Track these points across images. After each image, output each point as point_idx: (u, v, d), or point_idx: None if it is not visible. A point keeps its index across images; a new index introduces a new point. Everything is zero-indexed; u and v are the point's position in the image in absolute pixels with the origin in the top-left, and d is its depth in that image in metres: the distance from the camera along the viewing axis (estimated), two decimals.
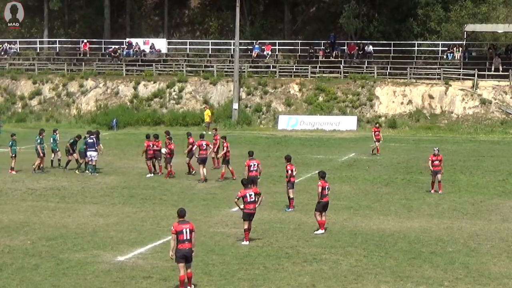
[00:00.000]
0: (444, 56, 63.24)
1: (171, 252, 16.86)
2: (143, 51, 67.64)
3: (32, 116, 63.48)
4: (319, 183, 22.86)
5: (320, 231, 22.78)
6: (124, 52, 67.53)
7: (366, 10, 68.53)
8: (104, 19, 73.06)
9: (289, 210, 26.42)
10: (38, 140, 35.46)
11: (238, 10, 59.69)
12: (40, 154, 35.22)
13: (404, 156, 42.39)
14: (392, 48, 65.00)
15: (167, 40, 70.09)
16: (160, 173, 34.74)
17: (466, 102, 58.72)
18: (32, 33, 75.09)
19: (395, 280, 17.96)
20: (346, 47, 64.92)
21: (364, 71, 62.62)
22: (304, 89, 61.53)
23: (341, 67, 62.53)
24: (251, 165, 27.74)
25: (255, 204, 21.45)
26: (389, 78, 61.81)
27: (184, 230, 16.74)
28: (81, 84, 65.01)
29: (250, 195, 21.33)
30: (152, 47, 67.69)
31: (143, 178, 33.89)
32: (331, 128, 57.59)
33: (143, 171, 35.19)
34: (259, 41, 66.43)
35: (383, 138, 44.24)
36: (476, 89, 58.92)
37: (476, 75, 58.80)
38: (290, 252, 20.53)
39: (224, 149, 33.70)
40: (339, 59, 63.64)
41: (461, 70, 60.62)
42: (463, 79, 60.21)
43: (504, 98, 58.64)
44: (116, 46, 68.36)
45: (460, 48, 62.20)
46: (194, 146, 34.15)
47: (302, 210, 26.22)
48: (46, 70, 66.97)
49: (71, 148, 35.96)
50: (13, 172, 35.07)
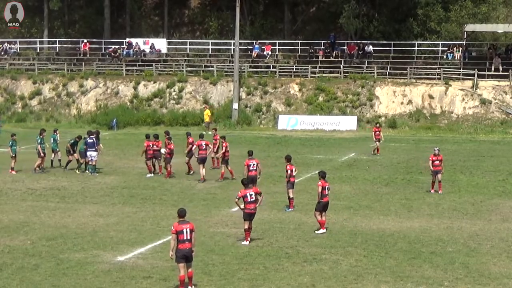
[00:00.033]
0: (444, 56, 63.24)
1: (171, 252, 16.88)
2: (143, 51, 67.65)
3: (32, 116, 63.48)
4: (319, 183, 22.87)
5: (321, 230, 22.78)
6: (124, 52, 67.53)
7: (366, 10, 68.53)
8: (104, 19, 73.07)
9: (289, 210, 26.42)
10: (38, 140, 35.45)
11: (238, 10, 59.68)
12: (41, 154, 35.23)
13: (404, 156, 42.38)
14: (392, 48, 65.00)
15: (167, 40, 70.10)
16: (160, 173, 34.75)
17: (466, 102, 58.72)
18: (32, 33, 75.09)
19: (395, 280, 17.97)
20: (346, 47, 64.92)
21: (364, 71, 62.62)
22: (304, 89, 61.52)
23: (341, 67, 62.53)
24: (251, 164, 27.74)
25: (256, 204, 21.46)
26: (389, 78, 61.81)
27: (184, 230, 16.75)
28: (81, 84, 65.01)
29: (251, 195, 21.32)
30: (152, 47, 67.70)
31: (143, 178, 33.90)
32: (331, 128, 57.58)
33: (143, 171, 35.19)
34: (259, 41, 66.43)
35: (383, 138, 44.24)
36: (476, 89, 58.91)
37: (476, 75, 58.80)
38: (290, 252, 20.53)
39: (223, 149, 33.74)
40: (339, 59, 63.64)
41: (461, 70, 60.62)
42: (463, 79, 60.21)
43: (504, 98, 58.64)
44: (116, 46, 68.36)
45: (460, 48, 62.19)
46: (194, 146, 34.17)
47: (302, 210, 26.22)
48: (46, 70, 66.98)
49: (71, 149, 35.97)
50: (13, 172, 35.09)
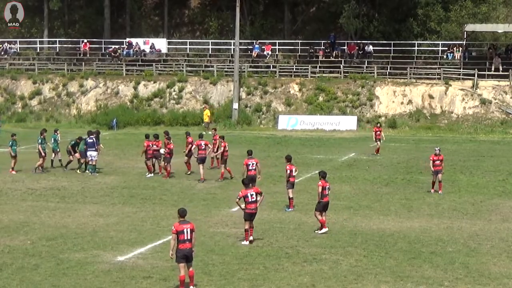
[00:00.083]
0: (444, 56, 63.24)
1: (171, 252, 16.87)
2: (143, 51, 67.65)
3: (32, 116, 63.49)
4: (320, 183, 22.85)
5: (324, 229, 22.75)
6: (124, 52, 67.54)
7: (366, 10, 68.54)
8: (104, 19, 73.06)
9: (289, 210, 26.42)
10: (39, 140, 35.45)
11: (238, 10, 59.69)
12: (42, 154, 35.23)
13: (404, 156, 42.38)
14: (392, 48, 65.00)
15: (167, 40, 70.10)
16: (160, 173, 34.74)
17: (466, 102, 58.72)
18: (32, 33, 75.08)
19: (395, 280, 17.97)
20: (346, 47, 64.93)
21: (364, 71, 62.62)
22: (304, 89, 61.52)
23: (341, 67, 62.54)
24: (250, 164, 27.76)
25: (257, 204, 21.45)
26: (389, 78, 61.81)
27: (185, 230, 16.74)
28: (81, 84, 65.02)
29: (252, 195, 21.30)
30: (152, 47, 67.70)
31: (143, 178, 33.90)
32: (331, 128, 57.58)
33: (143, 171, 35.18)
34: (259, 41, 66.43)
35: (384, 137, 44.23)
36: (476, 89, 58.91)
37: (476, 75, 58.80)
38: (290, 252, 20.52)
39: (221, 148, 33.78)
40: (339, 59, 63.64)
41: (461, 70, 60.63)
42: (463, 79, 60.22)
43: (504, 98, 58.64)
44: (116, 46, 68.36)
45: (460, 48, 62.20)
46: (193, 146, 34.17)
47: (302, 210, 26.22)
48: (46, 70, 66.97)
49: (72, 150, 35.98)
50: (13, 172, 35.09)
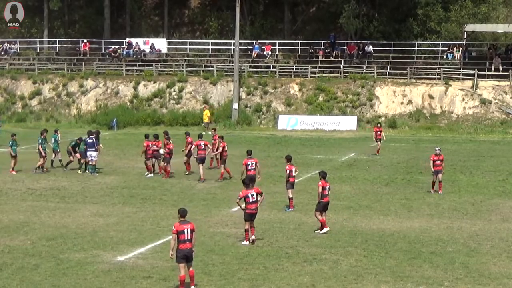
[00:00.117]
0: (444, 56, 63.24)
1: (171, 252, 16.87)
2: (143, 51, 67.65)
3: (32, 116, 63.50)
4: (320, 183, 22.83)
5: (325, 229, 22.73)
6: (124, 52, 67.55)
7: (366, 10, 68.55)
8: (104, 19, 73.09)
9: (289, 210, 26.42)
10: (39, 140, 35.46)
11: (238, 10, 59.69)
12: (42, 154, 35.24)
13: (404, 156, 42.38)
14: (392, 48, 65.00)
15: (167, 40, 70.10)
16: (160, 173, 34.74)
17: (466, 102, 58.72)
18: (32, 33, 75.10)
19: (395, 280, 17.96)
20: (346, 47, 64.93)
21: (364, 71, 62.62)
22: (304, 89, 61.53)
23: (341, 67, 62.54)
24: (249, 163, 27.79)
25: (257, 204, 21.44)
26: (389, 78, 61.81)
27: (185, 230, 16.72)
28: (81, 84, 65.02)
29: (252, 195, 21.28)
30: (152, 47, 67.70)
31: (143, 178, 33.90)
32: (331, 128, 57.58)
33: (143, 171, 35.17)
34: (259, 41, 66.44)
35: (385, 137, 44.25)
36: (476, 89, 58.91)
37: (476, 75, 58.80)
38: (290, 252, 20.52)
39: (220, 148, 33.80)
40: (339, 59, 63.65)
41: (461, 70, 60.63)
42: (463, 79, 60.22)
43: (504, 98, 58.64)
44: (116, 46, 68.37)
45: (460, 48, 62.20)
46: (193, 146, 34.17)
47: (302, 210, 26.22)
48: (46, 70, 66.98)
49: (73, 151, 35.99)
50: (13, 172, 35.09)
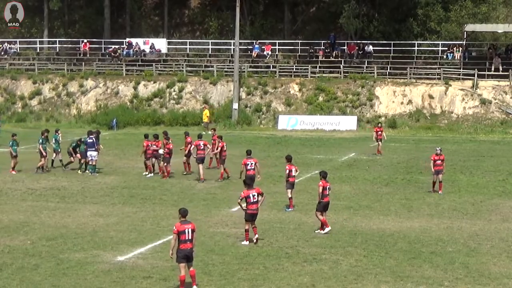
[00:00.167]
0: (444, 56, 63.25)
1: (171, 252, 16.86)
2: (143, 51, 67.66)
3: (32, 116, 63.50)
4: (320, 183, 22.81)
5: (327, 229, 22.73)
6: (124, 52, 67.55)
7: (366, 10, 68.56)
8: (104, 19, 73.09)
9: (289, 210, 26.42)
10: (40, 140, 35.46)
11: (238, 10, 59.68)
12: (43, 154, 35.24)
13: (404, 156, 42.39)
14: (392, 48, 65.01)
15: (167, 40, 70.11)
16: (160, 173, 34.75)
17: (466, 102, 58.72)
18: (32, 33, 75.11)
19: (395, 280, 17.96)
20: (346, 47, 64.94)
21: (364, 71, 62.63)
22: (304, 89, 61.53)
23: (341, 67, 62.55)
24: (248, 163, 27.81)
25: (258, 205, 21.43)
26: (389, 78, 61.82)
27: (186, 230, 16.71)
28: (81, 84, 65.03)
29: (253, 196, 21.27)
30: (152, 47, 67.71)
31: (143, 178, 33.90)
32: (331, 128, 57.59)
33: (143, 171, 35.16)
34: (259, 41, 66.45)
35: (385, 137, 44.26)
36: (476, 89, 58.91)
37: (476, 75, 58.81)
38: (290, 252, 20.52)
39: (219, 148, 33.80)
40: (339, 59, 63.66)
41: (461, 70, 60.64)
42: (463, 79, 60.22)
43: (504, 98, 58.65)
44: (116, 46, 68.38)
45: (460, 48, 62.21)
46: (192, 146, 34.17)
47: (302, 210, 26.22)
48: (46, 70, 66.99)
49: (73, 152, 36.00)
50: (13, 172, 35.10)
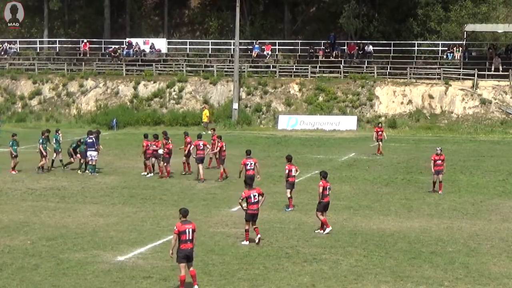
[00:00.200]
0: (444, 56, 63.25)
1: (171, 251, 16.86)
2: (143, 51, 67.66)
3: (32, 116, 63.50)
4: (320, 183, 22.80)
5: (328, 229, 22.72)
6: (124, 52, 67.55)
7: (366, 10, 68.55)
8: (104, 19, 73.08)
9: (288, 210, 26.42)
10: (40, 140, 35.47)
11: (238, 10, 59.68)
12: (43, 154, 35.25)
13: (404, 156, 42.39)
14: (392, 48, 65.01)
15: (167, 40, 70.11)
16: (160, 173, 34.74)
17: (466, 102, 58.72)
18: (32, 33, 75.11)
19: (395, 280, 17.96)
20: (346, 47, 64.94)
21: (364, 71, 62.63)
22: (304, 89, 61.53)
23: (341, 67, 62.55)
24: (248, 163, 27.82)
25: (258, 205, 21.43)
26: (389, 78, 61.82)
27: (187, 230, 16.71)
28: (81, 84, 65.03)
29: (254, 196, 21.26)
30: (152, 47, 67.70)
31: (143, 178, 33.90)
32: (331, 128, 57.59)
33: (142, 171, 35.17)
34: (259, 41, 66.45)
35: (386, 137, 44.29)
36: (476, 89, 58.91)
37: (476, 75, 58.81)
38: (290, 252, 20.52)
39: (218, 148, 33.81)
40: (339, 59, 63.66)
41: (461, 70, 60.64)
42: (463, 79, 60.22)
43: (504, 98, 58.64)
44: (116, 46, 68.38)
45: (460, 48, 62.21)
46: (191, 146, 34.18)
47: (302, 210, 26.22)
48: (46, 70, 66.99)
49: (74, 153, 36.00)
50: (13, 171, 35.10)
